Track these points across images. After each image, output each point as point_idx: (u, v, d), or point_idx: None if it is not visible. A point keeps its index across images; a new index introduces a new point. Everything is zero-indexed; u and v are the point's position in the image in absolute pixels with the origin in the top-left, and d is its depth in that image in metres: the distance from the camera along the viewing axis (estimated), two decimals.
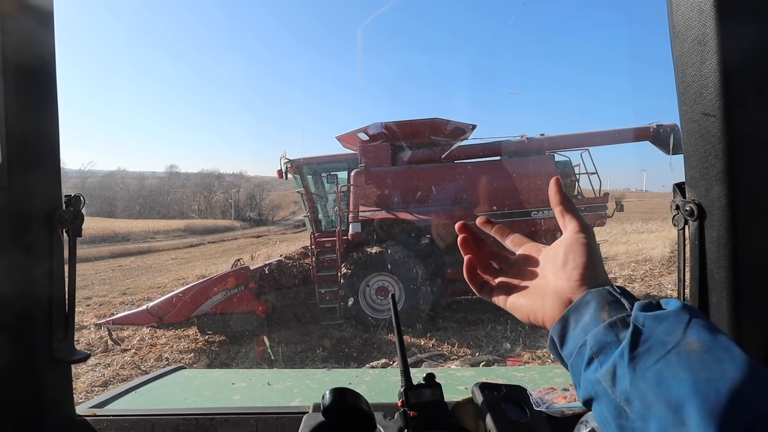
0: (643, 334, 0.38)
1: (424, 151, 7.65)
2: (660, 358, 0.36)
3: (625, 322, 0.40)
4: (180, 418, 0.91)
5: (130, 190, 53.15)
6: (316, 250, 7.60)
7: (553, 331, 0.47)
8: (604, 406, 0.39)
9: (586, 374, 0.42)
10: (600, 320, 0.42)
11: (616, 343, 0.40)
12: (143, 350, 6.34)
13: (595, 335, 0.42)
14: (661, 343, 0.37)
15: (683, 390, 0.33)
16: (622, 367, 0.38)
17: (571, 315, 0.46)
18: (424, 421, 0.73)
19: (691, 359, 0.35)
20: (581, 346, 0.43)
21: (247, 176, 66.36)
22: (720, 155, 0.65)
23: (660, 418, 0.34)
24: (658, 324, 0.38)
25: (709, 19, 0.64)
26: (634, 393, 0.36)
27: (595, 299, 0.44)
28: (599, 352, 0.41)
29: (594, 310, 0.44)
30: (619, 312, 0.42)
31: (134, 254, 19.81)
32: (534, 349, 5.78)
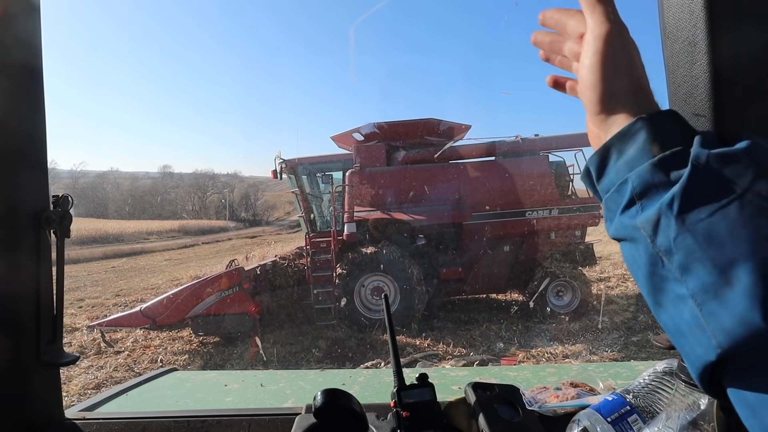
0: (704, 178, 0.32)
1: (419, 152, 7.67)
2: (719, 208, 0.31)
3: (682, 159, 0.34)
4: (171, 420, 0.90)
5: (122, 190, 52.79)
6: (311, 251, 7.59)
7: (589, 162, 0.41)
8: (638, 251, 0.35)
9: (623, 217, 0.36)
10: (649, 155, 0.35)
11: (666, 185, 0.34)
12: (137, 352, 6.30)
13: (640, 173, 0.35)
14: (723, 190, 0.31)
15: (739, 248, 0.29)
16: (668, 217, 0.33)
17: (613, 145, 0.39)
18: (416, 422, 0.73)
19: (755, 213, 0.30)
20: (621, 183, 0.37)
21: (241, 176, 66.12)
22: None
23: (702, 276, 0.30)
24: (724, 165, 0.32)
25: (699, 20, 0.65)
26: (678, 247, 0.32)
27: (644, 128, 0.37)
28: (643, 194, 0.35)
29: (642, 143, 0.36)
30: (674, 145, 0.35)
31: (127, 255, 19.68)
32: (528, 348, 5.80)
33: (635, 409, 0.74)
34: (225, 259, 10.14)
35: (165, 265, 16.62)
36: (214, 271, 8.71)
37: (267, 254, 11.97)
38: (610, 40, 0.41)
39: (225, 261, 9.54)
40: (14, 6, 0.79)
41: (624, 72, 0.41)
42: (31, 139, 0.83)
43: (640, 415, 0.74)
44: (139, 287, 11.52)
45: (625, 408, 0.75)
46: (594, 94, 0.41)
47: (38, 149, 0.84)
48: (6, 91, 0.77)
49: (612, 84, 0.41)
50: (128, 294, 10.53)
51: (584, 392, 0.93)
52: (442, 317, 7.28)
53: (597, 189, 0.41)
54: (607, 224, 0.39)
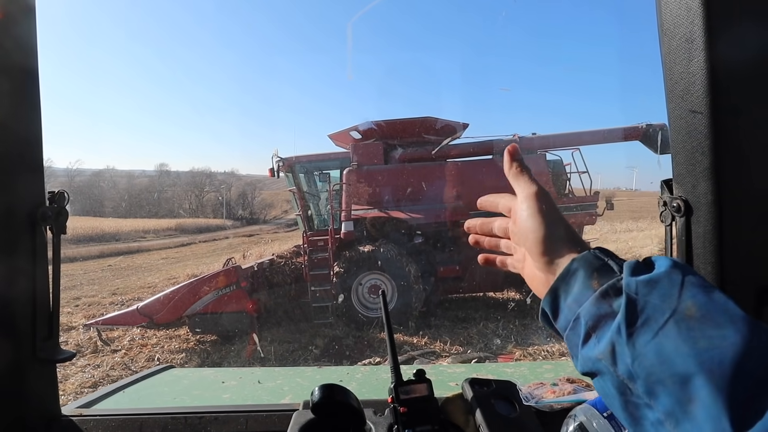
0: (638, 304, 0.36)
1: (417, 150, 7.66)
2: (658, 330, 0.34)
3: (617, 289, 0.38)
4: (168, 417, 0.90)
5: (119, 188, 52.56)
6: (308, 249, 7.58)
7: (543, 303, 0.45)
8: (607, 383, 0.38)
9: (584, 351, 0.40)
10: (591, 290, 0.40)
11: (611, 315, 0.38)
12: (134, 350, 6.28)
13: (588, 308, 0.39)
14: (657, 311, 0.35)
15: (687, 364, 0.32)
16: (620, 344, 0.36)
17: (560, 286, 0.43)
18: (414, 417, 0.73)
19: (689, 327, 0.33)
20: (575, 320, 0.41)
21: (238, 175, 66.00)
22: (707, 152, 0.66)
23: (666, 396, 0.33)
24: (652, 290, 0.36)
25: (696, 17, 0.65)
26: (638, 371, 0.35)
27: (582, 266, 0.42)
28: (595, 326, 0.39)
29: (583, 279, 0.41)
30: (609, 277, 0.40)
31: (124, 254, 19.60)
32: (525, 345, 5.82)
33: None
34: (222, 258, 10.13)
35: (162, 263, 16.58)
36: (211, 270, 8.68)
37: (264, 252, 11.96)
38: (540, 196, 0.50)
39: (222, 259, 9.53)
40: (10, 6, 0.79)
41: (557, 219, 0.48)
42: (27, 136, 0.82)
43: None
44: (135, 286, 11.48)
45: None
46: (536, 238, 0.47)
47: (34, 146, 0.84)
48: (2, 89, 0.77)
49: (549, 228, 0.47)
50: (125, 293, 10.49)
51: (581, 388, 0.94)
52: (439, 315, 7.29)
53: (556, 328, 0.45)
54: (574, 361, 0.42)
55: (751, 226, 0.67)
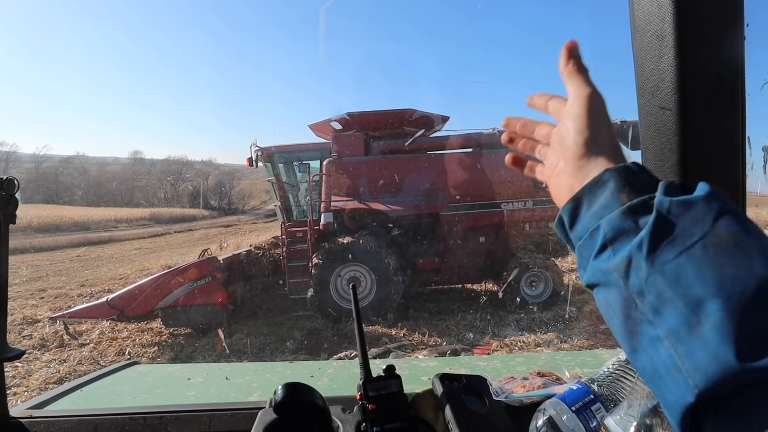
0: (668, 223, 0.34)
1: (397, 142, 7.65)
2: (684, 250, 0.33)
3: (648, 206, 0.36)
4: (126, 417, 0.86)
5: (89, 176, 50.88)
6: (287, 240, 7.52)
7: (563, 211, 0.43)
8: (611, 295, 0.37)
9: (596, 262, 0.38)
10: (618, 203, 0.38)
11: (635, 230, 0.36)
12: (103, 344, 6.11)
13: (611, 220, 0.38)
14: (686, 233, 0.33)
15: (706, 287, 0.31)
16: (638, 259, 0.34)
17: (584, 195, 0.41)
18: (382, 414, 0.72)
19: (718, 253, 0.32)
20: (594, 230, 0.39)
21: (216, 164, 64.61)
22: (675, 148, 0.66)
23: (674, 315, 0.32)
24: (685, 211, 0.34)
25: (667, 14, 0.65)
26: (649, 287, 0.33)
27: (613, 178, 0.40)
28: (614, 239, 0.37)
29: (612, 191, 0.39)
30: (640, 194, 0.37)
31: (94, 244, 19.03)
32: (502, 337, 5.91)
33: (599, 398, 0.76)
34: (198, 249, 9.94)
35: (134, 254, 16.17)
36: (186, 261, 8.52)
37: (242, 243, 11.80)
38: (593, 99, 0.46)
39: (198, 250, 9.35)
40: None
41: (605, 126, 0.45)
42: None
43: (604, 404, 0.75)
44: (106, 277, 11.14)
45: (589, 397, 0.76)
46: (577, 139, 0.44)
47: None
48: None
49: (594, 132, 0.44)
50: (94, 284, 10.16)
51: (551, 381, 0.95)
52: (417, 307, 7.34)
53: (570, 237, 0.43)
54: (581, 272, 0.41)
55: None
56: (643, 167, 0.41)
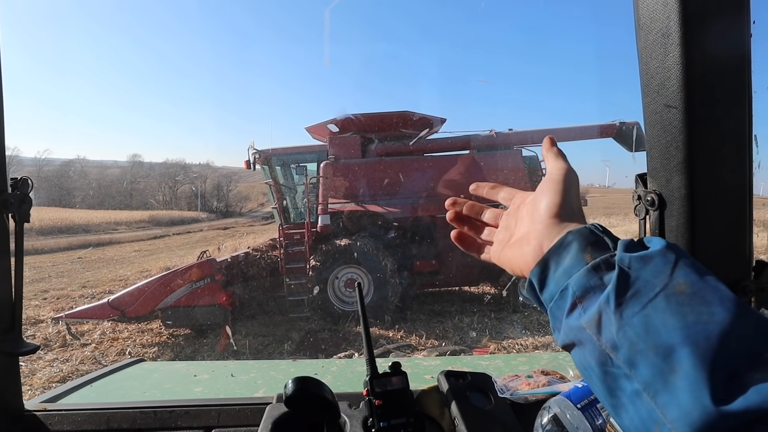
0: (630, 277, 0.36)
1: (394, 144, 7.66)
2: (648, 302, 0.34)
3: (610, 263, 0.38)
4: (137, 411, 0.87)
5: (89, 179, 50.81)
6: (284, 242, 7.51)
7: (531, 275, 0.45)
8: (587, 353, 0.38)
9: (568, 320, 0.40)
10: (582, 262, 0.40)
11: (601, 287, 0.38)
12: (104, 344, 6.11)
13: (578, 279, 0.39)
14: (648, 285, 0.35)
15: (673, 336, 0.32)
16: (608, 313, 0.36)
17: (551, 257, 0.43)
18: (389, 410, 0.72)
19: (679, 302, 0.33)
20: (563, 290, 0.40)
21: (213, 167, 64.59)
22: (680, 146, 0.66)
23: (648, 366, 0.33)
24: (645, 265, 0.36)
25: (673, 11, 0.65)
26: (621, 340, 0.35)
27: (576, 239, 0.42)
28: (583, 297, 0.39)
29: (576, 252, 0.41)
30: (602, 252, 0.40)
31: (94, 246, 18.99)
32: (500, 339, 5.91)
33: None
34: (196, 251, 9.94)
35: (134, 256, 16.14)
36: (184, 263, 8.51)
37: (240, 245, 11.77)
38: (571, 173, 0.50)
39: (196, 252, 9.35)
40: None
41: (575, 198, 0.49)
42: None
43: None
44: (106, 278, 11.13)
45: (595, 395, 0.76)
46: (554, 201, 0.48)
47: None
48: None
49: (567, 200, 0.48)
50: (95, 285, 10.16)
51: (555, 380, 0.95)
52: (415, 309, 7.33)
53: (541, 300, 0.45)
54: (555, 334, 0.42)
55: (722, 219, 0.68)
56: (604, 228, 0.43)
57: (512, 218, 0.56)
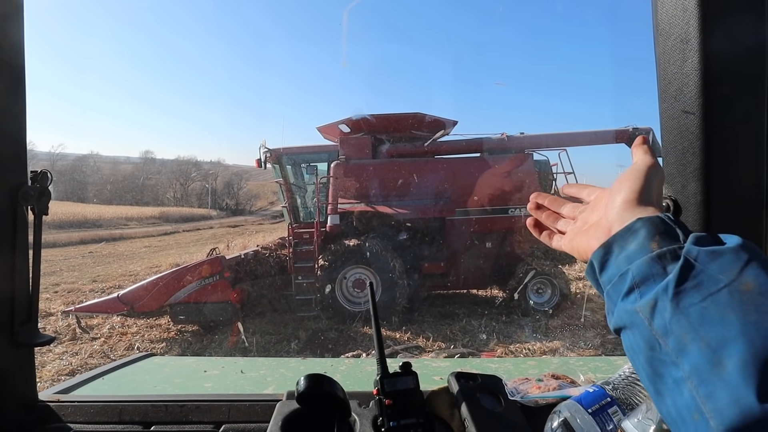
0: (695, 269, 0.35)
1: (405, 145, 7.66)
2: (709, 295, 0.34)
3: (676, 254, 0.37)
4: (149, 404, 0.88)
5: (102, 174, 51.45)
6: (293, 241, 7.53)
7: (593, 256, 0.45)
8: (637, 337, 0.38)
9: (623, 303, 0.39)
10: (648, 250, 0.39)
11: (662, 275, 0.37)
12: (113, 339, 6.18)
13: (640, 265, 0.39)
14: (712, 279, 0.34)
15: (729, 330, 0.31)
16: (664, 301, 0.36)
17: (616, 241, 0.43)
18: (399, 409, 0.73)
19: (743, 300, 0.32)
20: (622, 274, 0.40)
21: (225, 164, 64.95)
22: (697, 152, 0.66)
23: (696, 355, 0.32)
24: (713, 260, 0.35)
25: (692, 17, 0.65)
26: (673, 328, 0.34)
27: (645, 227, 0.41)
28: (642, 282, 0.38)
29: (643, 239, 0.40)
30: (670, 243, 0.39)
31: (106, 240, 19.24)
32: (508, 343, 5.88)
33: (615, 401, 0.76)
34: (206, 248, 10.01)
35: (144, 251, 16.32)
36: (194, 259, 8.58)
37: (249, 243, 11.86)
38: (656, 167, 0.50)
39: (206, 249, 9.42)
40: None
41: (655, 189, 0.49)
42: (9, 114, 0.80)
43: (620, 407, 0.75)
44: (116, 273, 11.28)
45: (606, 399, 0.76)
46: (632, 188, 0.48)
47: (17, 124, 0.81)
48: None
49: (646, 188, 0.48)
50: (105, 280, 10.31)
51: (566, 384, 0.95)
52: (423, 311, 7.31)
53: (599, 282, 0.45)
54: (609, 316, 0.42)
55: (739, 226, 0.68)
56: (678, 220, 0.42)
57: (590, 210, 0.55)
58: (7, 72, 0.79)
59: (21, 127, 0.82)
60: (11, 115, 0.80)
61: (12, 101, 0.80)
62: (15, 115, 0.80)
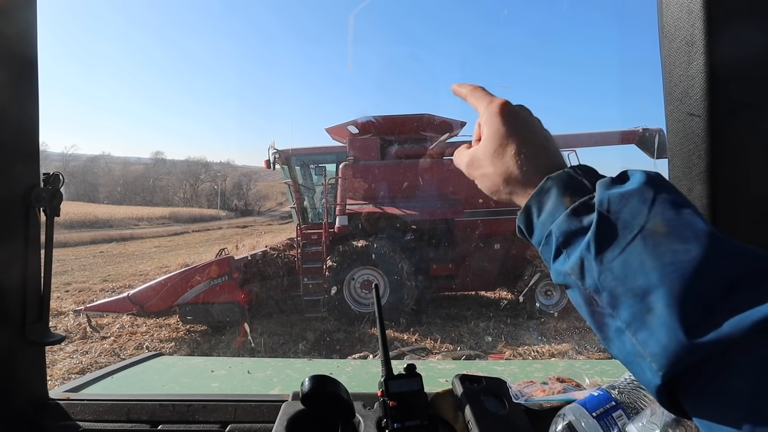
0: (609, 220, 0.37)
1: (413, 146, 7.66)
2: (626, 246, 0.35)
3: (589, 206, 0.39)
4: (157, 403, 0.90)
5: (114, 175, 52.08)
6: (302, 242, 7.56)
7: (519, 220, 0.46)
8: (576, 295, 0.39)
9: (555, 265, 0.41)
10: (563, 207, 0.40)
11: (582, 231, 0.38)
12: (123, 338, 6.25)
13: (559, 224, 0.40)
14: (626, 228, 0.36)
15: (650, 277, 0.33)
16: (588, 260, 0.37)
17: (532, 204, 0.44)
18: (403, 411, 0.73)
19: (656, 243, 0.34)
20: (547, 236, 0.41)
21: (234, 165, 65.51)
22: (703, 155, 0.66)
23: (628, 306, 0.34)
24: (623, 205, 0.37)
25: (697, 20, 0.65)
26: (603, 284, 0.36)
27: (555, 185, 0.42)
28: (566, 242, 0.40)
29: (555, 197, 0.42)
30: (581, 195, 0.40)
31: (116, 240, 19.46)
32: (515, 345, 5.85)
33: (620, 405, 0.75)
34: (215, 248, 10.08)
35: (154, 251, 16.49)
36: (203, 260, 8.64)
37: (257, 244, 11.91)
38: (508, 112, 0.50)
39: (215, 249, 9.48)
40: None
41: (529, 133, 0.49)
42: (23, 117, 0.82)
43: (625, 411, 0.75)
44: (127, 273, 11.41)
45: (611, 403, 0.75)
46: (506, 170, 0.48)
47: (30, 127, 0.83)
48: (1, 73, 0.77)
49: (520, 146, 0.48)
50: (116, 279, 10.43)
51: (570, 387, 0.94)
52: (430, 313, 7.30)
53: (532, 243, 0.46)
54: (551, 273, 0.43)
55: (746, 229, 0.67)
56: (585, 168, 0.43)
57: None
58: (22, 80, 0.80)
59: (34, 130, 0.83)
60: (24, 121, 0.82)
61: (25, 104, 0.81)
62: (28, 118, 0.82)
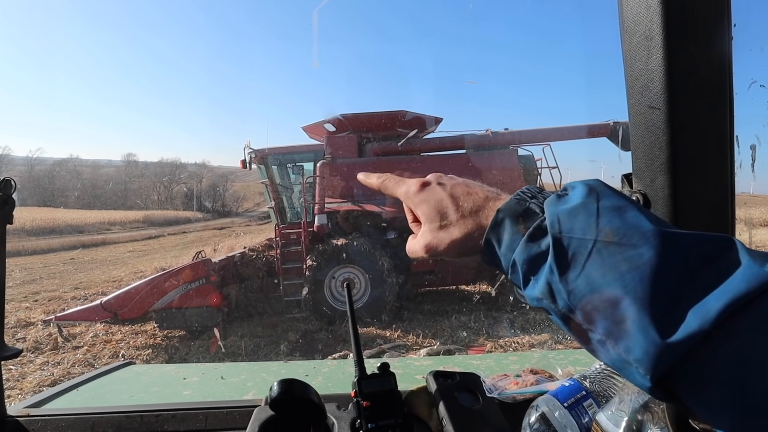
0: (563, 241, 0.38)
1: (390, 143, 7.66)
2: (584, 263, 0.36)
3: (543, 229, 0.39)
4: (123, 415, 0.87)
5: (83, 178, 50.50)
6: (281, 242, 7.50)
7: (484, 253, 0.46)
8: (554, 316, 0.40)
9: (527, 293, 0.41)
10: (519, 235, 0.41)
11: (542, 255, 0.39)
12: (97, 347, 6.07)
13: (520, 253, 0.41)
14: (581, 245, 0.37)
15: (614, 288, 0.34)
16: (555, 282, 0.38)
17: (492, 238, 0.44)
18: (377, 411, 0.72)
19: (610, 253, 0.35)
20: (512, 265, 0.42)
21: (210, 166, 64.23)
22: (664, 147, 0.67)
23: (601, 320, 0.35)
24: (573, 223, 0.38)
25: (656, 15, 0.66)
26: (574, 303, 0.37)
27: (507, 215, 0.43)
28: (531, 269, 0.40)
29: (510, 227, 0.42)
30: (533, 219, 0.41)
31: (87, 246, 18.89)
32: (496, 338, 5.93)
33: (591, 394, 0.76)
34: (191, 251, 9.90)
35: (128, 256, 16.07)
36: (179, 263, 8.47)
37: (236, 246, 11.74)
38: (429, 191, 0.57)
39: (191, 252, 9.30)
40: None
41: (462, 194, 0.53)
42: None
43: (595, 400, 0.76)
44: (99, 280, 11.08)
45: (581, 393, 0.77)
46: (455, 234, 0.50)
47: None
48: None
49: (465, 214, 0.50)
50: (88, 287, 10.10)
51: (543, 379, 0.95)
52: (411, 308, 7.34)
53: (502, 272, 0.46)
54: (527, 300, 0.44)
55: (705, 218, 0.69)
56: (530, 190, 0.44)
57: None
58: None
59: None
60: None
61: None
62: None
